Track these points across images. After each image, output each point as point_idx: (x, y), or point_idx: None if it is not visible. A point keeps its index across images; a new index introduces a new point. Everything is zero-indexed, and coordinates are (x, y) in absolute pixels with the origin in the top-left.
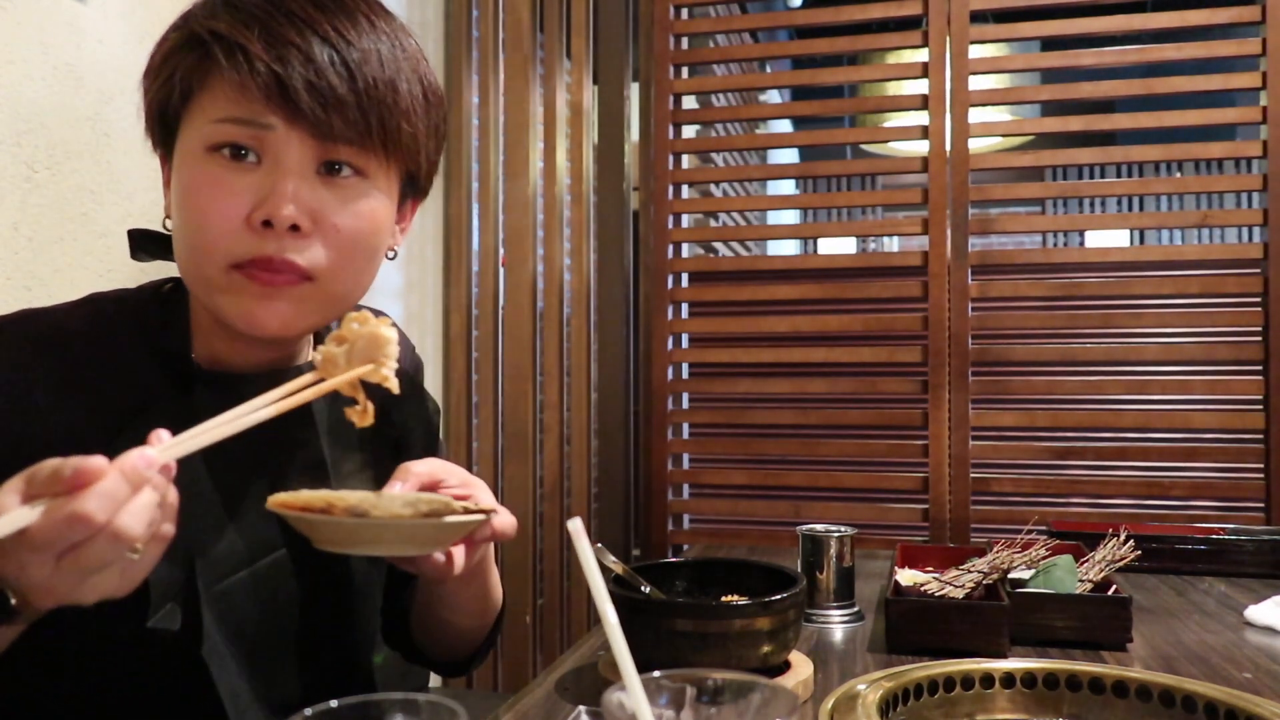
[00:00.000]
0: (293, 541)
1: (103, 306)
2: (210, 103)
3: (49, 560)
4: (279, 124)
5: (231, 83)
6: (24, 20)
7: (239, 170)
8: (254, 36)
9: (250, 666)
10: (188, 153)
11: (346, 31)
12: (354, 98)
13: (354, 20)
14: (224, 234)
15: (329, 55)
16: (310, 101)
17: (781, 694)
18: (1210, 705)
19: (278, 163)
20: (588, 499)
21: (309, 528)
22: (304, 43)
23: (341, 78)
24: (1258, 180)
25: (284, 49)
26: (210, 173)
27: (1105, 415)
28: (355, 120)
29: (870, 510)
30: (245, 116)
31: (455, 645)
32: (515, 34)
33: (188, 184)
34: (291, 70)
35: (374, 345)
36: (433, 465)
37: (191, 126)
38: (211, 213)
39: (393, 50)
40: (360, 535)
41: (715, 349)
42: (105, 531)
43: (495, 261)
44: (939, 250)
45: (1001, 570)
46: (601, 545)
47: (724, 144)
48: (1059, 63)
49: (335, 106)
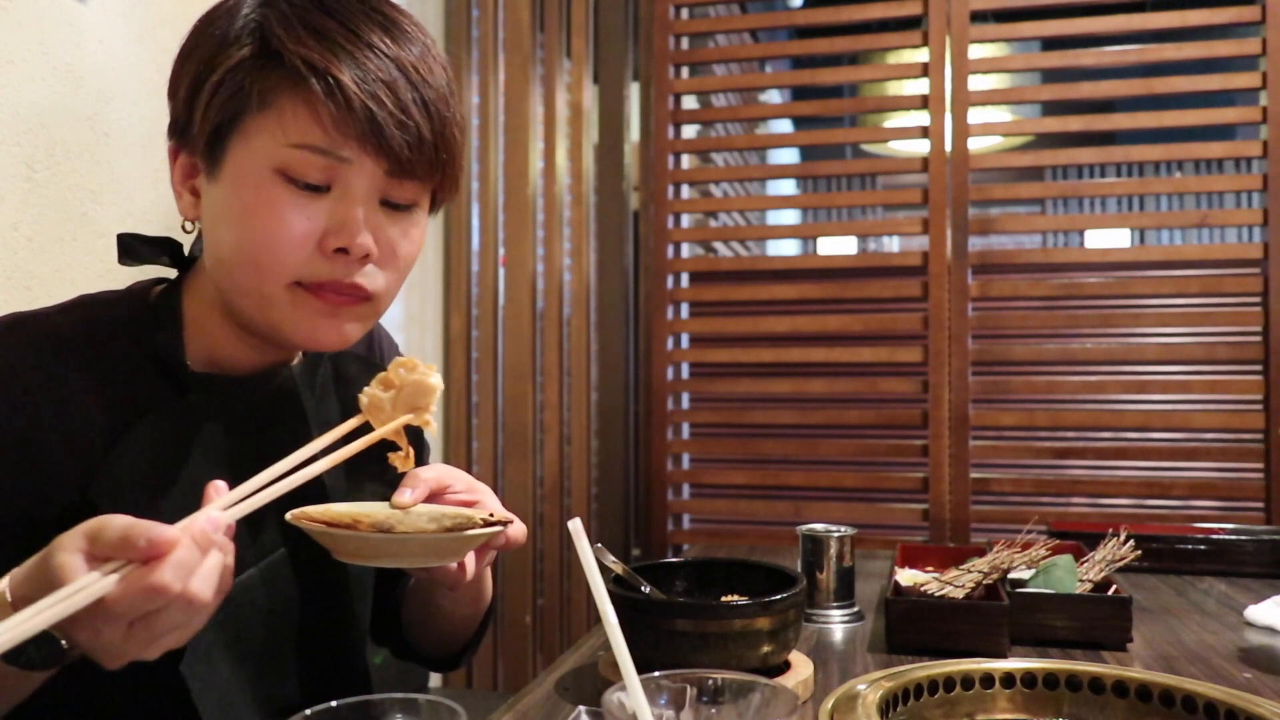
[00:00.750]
0: (292, 544)
1: (94, 310)
2: (284, 124)
3: (122, 626)
4: (358, 157)
5: (319, 112)
6: (24, 20)
7: (309, 195)
8: (345, 68)
9: (251, 668)
10: (250, 170)
11: (420, 67)
12: (433, 138)
13: (424, 53)
14: (294, 256)
15: (412, 95)
16: (400, 141)
17: (781, 694)
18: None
19: (348, 191)
20: (588, 499)
21: (332, 541)
22: (389, 79)
23: (424, 118)
24: (1258, 180)
25: (374, 85)
26: (279, 195)
27: (1105, 415)
28: (431, 160)
29: (870, 510)
30: (326, 147)
31: (449, 640)
32: (515, 34)
33: (251, 204)
34: (385, 110)
35: (420, 393)
36: (439, 471)
37: (255, 143)
38: (280, 235)
39: (449, 82)
40: (385, 549)
41: (715, 349)
42: (179, 599)
43: (495, 261)
44: (939, 250)
45: (1001, 570)
46: (601, 545)
47: (724, 144)
48: (1059, 63)
49: (417, 147)
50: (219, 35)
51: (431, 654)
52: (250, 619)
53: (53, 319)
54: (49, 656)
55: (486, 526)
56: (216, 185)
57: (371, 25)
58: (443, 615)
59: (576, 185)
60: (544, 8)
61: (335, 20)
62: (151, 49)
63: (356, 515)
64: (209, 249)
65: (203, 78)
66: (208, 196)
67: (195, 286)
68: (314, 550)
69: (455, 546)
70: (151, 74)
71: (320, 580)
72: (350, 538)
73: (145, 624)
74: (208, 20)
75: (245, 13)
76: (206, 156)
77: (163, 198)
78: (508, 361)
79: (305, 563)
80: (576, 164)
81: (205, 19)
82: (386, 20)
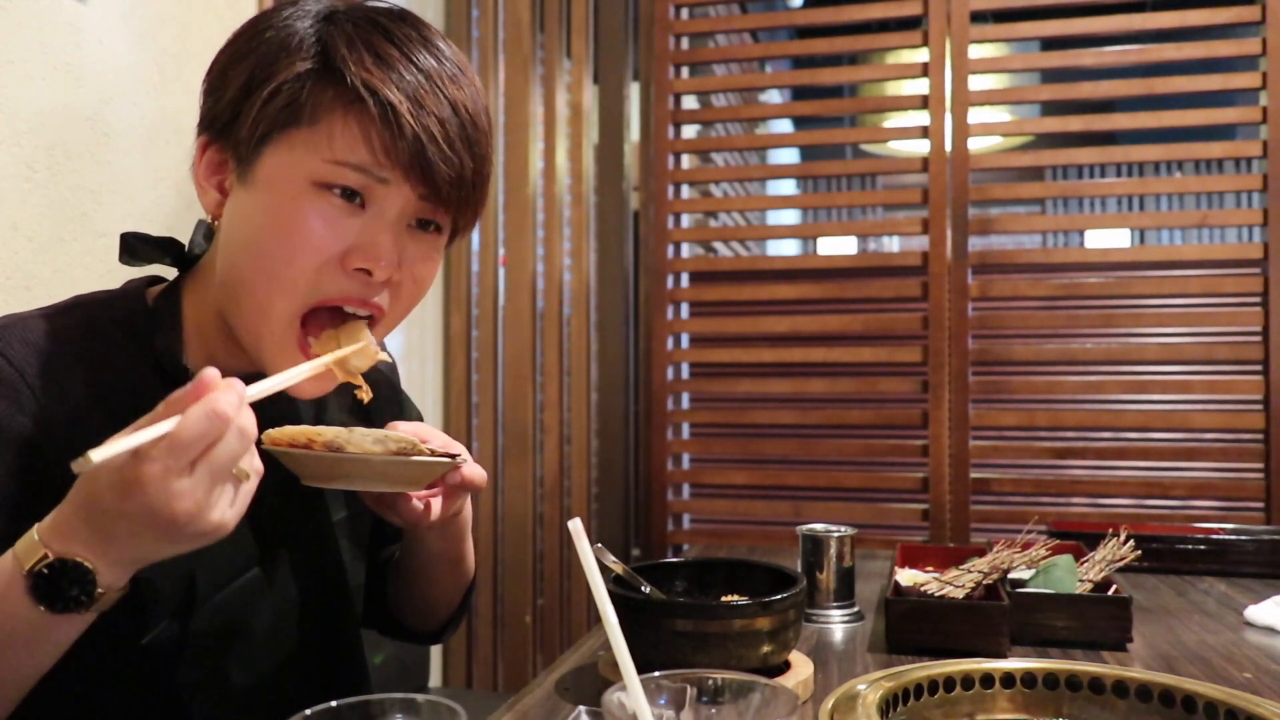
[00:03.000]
0: (294, 545)
1: (92, 311)
2: (332, 141)
3: (186, 467)
4: (398, 181)
5: (370, 133)
6: (24, 20)
7: (345, 211)
8: (402, 96)
9: (253, 668)
10: (287, 180)
11: (471, 106)
12: (473, 175)
13: (475, 95)
14: (306, 272)
15: (459, 130)
16: (445, 174)
17: (781, 694)
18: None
19: (382, 212)
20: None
21: (295, 463)
22: (441, 112)
23: (468, 155)
24: (1258, 180)
25: (427, 117)
26: (316, 209)
27: (1105, 415)
28: (468, 193)
29: (870, 510)
30: (370, 167)
31: (430, 610)
32: (515, 34)
33: (286, 215)
34: (434, 144)
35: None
36: (417, 427)
37: (297, 155)
38: (308, 250)
39: (489, 123)
40: (338, 469)
41: (715, 349)
42: (234, 426)
43: (495, 261)
44: (939, 250)
45: (1001, 570)
46: (601, 545)
47: (724, 144)
48: (1059, 63)
49: (456, 182)
50: (276, 43)
51: (416, 626)
52: (253, 618)
53: (51, 320)
54: (82, 594)
55: (434, 457)
56: (248, 190)
57: (427, 53)
58: (426, 576)
59: (576, 185)
60: (544, 8)
61: (397, 49)
62: (151, 49)
63: (311, 435)
64: (225, 250)
65: (257, 82)
66: (236, 198)
67: (195, 288)
68: (316, 552)
69: (406, 472)
70: (151, 74)
71: (322, 581)
72: (307, 458)
73: (207, 459)
74: (262, 25)
75: (306, 25)
76: (242, 158)
77: (163, 198)
78: (508, 361)
79: (308, 565)
80: (576, 164)
81: (256, 24)
82: (443, 57)
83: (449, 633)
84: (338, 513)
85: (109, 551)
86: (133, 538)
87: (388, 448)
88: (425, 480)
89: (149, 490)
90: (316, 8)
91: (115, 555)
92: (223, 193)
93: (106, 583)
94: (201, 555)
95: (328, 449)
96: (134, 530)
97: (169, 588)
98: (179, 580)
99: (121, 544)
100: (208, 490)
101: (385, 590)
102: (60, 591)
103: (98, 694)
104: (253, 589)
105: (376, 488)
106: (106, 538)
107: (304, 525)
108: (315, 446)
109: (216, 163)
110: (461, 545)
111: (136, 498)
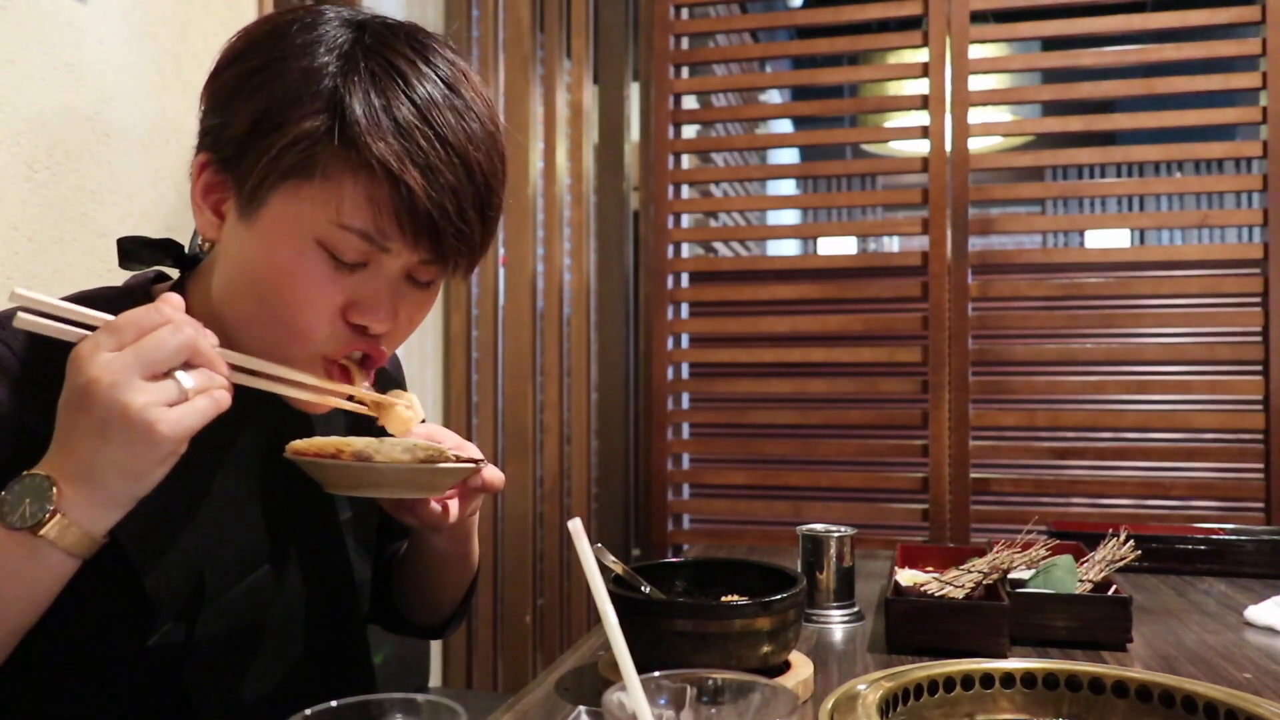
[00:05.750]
0: (303, 544)
1: (97, 306)
2: (341, 205)
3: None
4: (404, 249)
5: (380, 206)
6: (24, 20)
7: (346, 268)
8: (418, 174)
9: (258, 666)
10: (290, 233)
11: (486, 165)
12: (480, 240)
13: (490, 145)
14: (318, 326)
15: (473, 199)
16: (453, 246)
17: (781, 694)
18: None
19: (380, 270)
20: (588, 499)
21: (320, 472)
22: (457, 184)
23: (479, 223)
24: (1258, 180)
25: (443, 194)
26: (315, 267)
27: (1105, 415)
28: (475, 253)
29: (870, 510)
30: (376, 237)
31: (435, 605)
32: (515, 34)
33: (287, 267)
34: (446, 220)
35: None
36: (430, 428)
37: (304, 208)
38: (306, 304)
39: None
40: (366, 478)
41: (715, 349)
42: (172, 325)
43: (495, 261)
44: (939, 250)
45: (1001, 570)
46: (601, 545)
47: (724, 144)
48: (1059, 63)
49: (469, 252)
50: (292, 83)
51: (420, 621)
52: (260, 619)
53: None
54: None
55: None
56: (249, 229)
57: (446, 114)
58: (432, 573)
59: (576, 185)
60: (544, 8)
61: (416, 109)
62: (151, 49)
63: (340, 446)
64: (226, 280)
65: (267, 128)
66: (235, 233)
67: (198, 288)
68: (324, 551)
69: (431, 479)
70: (151, 74)
71: (329, 580)
72: (334, 467)
73: (137, 344)
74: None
75: (324, 61)
76: (246, 197)
77: (163, 198)
78: (508, 361)
79: (316, 565)
80: (576, 164)
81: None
82: (464, 109)
83: (453, 627)
84: (344, 512)
85: (66, 464)
86: (73, 429)
87: (416, 456)
88: (448, 485)
89: (77, 363)
90: (338, 31)
91: (71, 465)
92: (219, 216)
93: (69, 501)
94: (210, 555)
95: (356, 459)
96: (70, 419)
97: (178, 588)
98: (187, 581)
99: (69, 446)
100: (130, 367)
101: (389, 586)
102: (17, 502)
103: (105, 694)
104: (261, 589)
105: (401, 494)
106: (61, 445)
107: (313, 524)
108: (344, 456)
109: (215, 185)
110: (468, 543)
111: (70, 376)
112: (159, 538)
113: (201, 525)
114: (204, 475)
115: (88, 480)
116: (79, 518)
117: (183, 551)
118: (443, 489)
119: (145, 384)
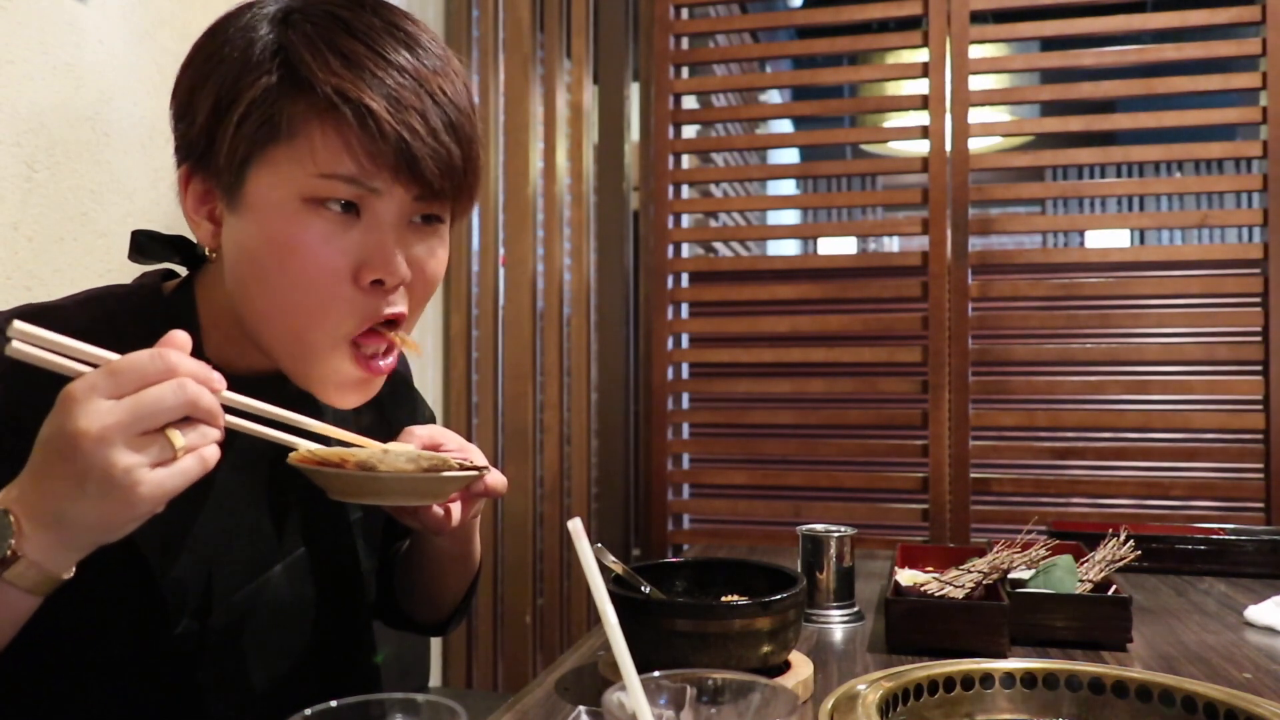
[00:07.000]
0: (313, 545)
1: (111, 304)
2: (314, 154)
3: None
4: (389, 187)
5: (350, 141)
6: (24, 20)
7: (342, 225)
8: (376, 95)
9: (266, 665)
10: (276, 201)
11: (447, 86)
12: (463, 162)
13: (448, 69)
14: (337, 298)
15: (442, 119)
16: (434, 170)
17: (781, 694)
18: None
19: (378, 220)
20: (588, 499)
21: (324, 480)
22: (421, 105)
23: (454, 142)
24: (1258, 180)
25: (407, 114)
26: (313, 227)
27: (1105, 415)
28: (460, 183)
29: (870, 510)
30: (358, 177)
31: (437, 603)
32: (515, 34)
33: (284, 238)
34: (418, 140)
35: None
36: (433, 430)
37: (282, 172)
38: (319, 272)
39: (471, 97)
40: (369, 487)
41: (715, 349)
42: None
43: (495, 261)
44: (939, 250)
45: (1001, 570)
46: (601, 545)
47: (724, 144)
48: (1059, 63)
49: (449, 174)
50: (237, 59)
51: (423, 618)
52: (270, 617)
53: (71, 311)
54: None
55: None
56: (239, 217)
57: (395, 44)
58: (434, 572)
59: (576, 185)
60: (544, 8)
61: (360, 41)
62: (151, 49)
63: (345, 456)
64: (233, 280)
65: (225, 106)
66: (230, 227)
67: (208, 286)
68: (334, 551)
69: (434, 487)
70: (151, 74)
71: (338, 580)
72: (339, 476)
73: (136, 397)
74: (219, 39)
75: (263, 33)
76: (227, 186)
77: (163, 197)
78: (508, 361)
79: (325, 563)
80: (576, 164)
81: (213, 37)
82: (408, 37)
83: (454, 624)
84: (354, 512)
85: (35, 503)
86: (49, 472)
87: (419, 465)
88: (451, 492)
89: (68, 404)
90: (271, 9)
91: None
92: (215, 222)
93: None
94: (220, 554)
95: (360, 468)
96: (48, 460)
97: (189, 587)
98: (199, 578)
99: (42, 488)
100: (123, 425)
101: (392, 583)
102: None
103: (117, 691)
104: (271, 587)
105: (404, 502)
106: (34, 482)
107: (322, 524)
108: (348, 466)
109: (202, 193)
110: (470, 543)
111: (57, 415)
112: (171, 538)
113: (211, 524)
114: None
115: (56, 525)
116: (40, 559)
117: (193, 551)
118: (446, 496)
119: (135, 441)
